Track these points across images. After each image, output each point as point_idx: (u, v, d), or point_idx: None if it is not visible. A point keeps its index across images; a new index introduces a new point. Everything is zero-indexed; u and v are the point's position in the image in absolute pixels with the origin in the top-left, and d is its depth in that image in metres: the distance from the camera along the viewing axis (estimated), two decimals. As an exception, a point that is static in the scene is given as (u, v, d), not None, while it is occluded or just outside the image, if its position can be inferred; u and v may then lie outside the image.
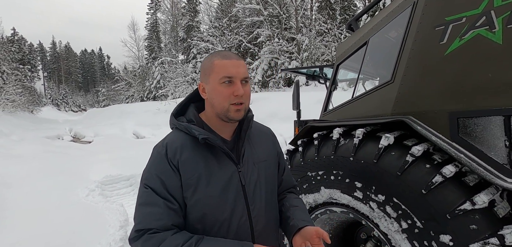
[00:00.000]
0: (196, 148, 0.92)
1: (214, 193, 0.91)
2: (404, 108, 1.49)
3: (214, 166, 0.92)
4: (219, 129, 0.98)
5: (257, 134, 1.08)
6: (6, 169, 6.08)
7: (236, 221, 0.93)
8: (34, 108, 24.78)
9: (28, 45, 55.71)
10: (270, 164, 1.06)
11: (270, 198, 1.03)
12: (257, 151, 1.04)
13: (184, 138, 0.94)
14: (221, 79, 0.89)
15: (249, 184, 0.97)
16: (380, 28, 1.79)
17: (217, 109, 0.93)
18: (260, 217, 0.98)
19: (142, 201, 0.90)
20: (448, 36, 1.32)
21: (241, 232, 0.94)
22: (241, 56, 0.96)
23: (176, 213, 0.89)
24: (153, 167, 0.92)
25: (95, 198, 4.73)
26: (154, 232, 0.85)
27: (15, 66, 24.55)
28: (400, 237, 1.34)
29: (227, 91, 0.89)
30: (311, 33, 17.19)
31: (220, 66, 0.90)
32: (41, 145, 9.77)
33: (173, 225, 0.88)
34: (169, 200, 0.88)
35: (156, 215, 0.86)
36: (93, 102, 54.40)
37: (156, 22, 38.55)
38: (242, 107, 0.92)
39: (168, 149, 0.92)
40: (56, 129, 15.36)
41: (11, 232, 3.35)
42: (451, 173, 1.19)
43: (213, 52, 0.97)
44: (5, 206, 4.08)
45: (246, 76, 0.92)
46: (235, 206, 0.93)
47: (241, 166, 0.96)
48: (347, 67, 2.41)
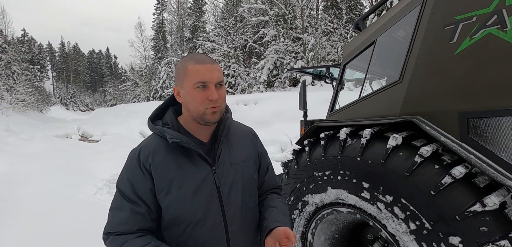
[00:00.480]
0: (169, 151, 0.94)
1: (187, 195, 0.92)
2: (413, 108, 1.47)
3: (188, 168, 0.93)
4: (196, 131, 0.99)
5: (236, 135, 1.09)
6: (17, 167, 6.23)
7: (210, 221, 0.94)
8: (43, 107, 25.26)
9: (38, 45, 56.80)
10: (248, 165, 1.07)
11: (247, 199, 1.04)
12: (235, 152, 1.04)
13: (159, 141, 0.96)
14: (195, 84, 0.90)
15: (224, 185, 0.97)
16: (388, 27, 1.77)
17: (193, 113, 0.94)
18: (235, 218, 0.98)
19: (112, 205, 0.94)
20: (458, 36, 1.30)
21: (215, 232, 0.95)
22: (215, 60, 0.97)
23: (144, 217, 0.91)
24: (125, 171, 0.95)
25: (103, 196, 4.80)
26: (119, 234, 0.89)
27: (25, 66, 25.06)
28: (408, 239, 1.33)
29: (201, 95, 0.90)
30: (317, 33, 17.09)
31: (194, 71, 0.90)
32: (50, 143, 9.96)
33: (139, 230, 0.90)
34: (137, 204, 0.91)
35: (121, 220, 0.90)
36: (100, 101, 55.18)
37: (163, 23, 38.86)
38: (218, 109, 0.93)
39: (141, 153, 0.94)
40: (64, 128, 15.62)
41: (21, 229, 3.42)
42: (460, 174, 1.17)
43: (187, 56, 0.98)
44: (15, 204, 4.17)
45: (220, 80, 0.93)
46: (209, 207, 0.94)
47: (216, 167, 0.97)
48: (354, 66, 2.40)
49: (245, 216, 1.02)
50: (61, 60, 67.15)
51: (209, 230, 0.94)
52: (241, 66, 21.18)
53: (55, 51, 67.41)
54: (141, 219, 0.91)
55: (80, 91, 60.29)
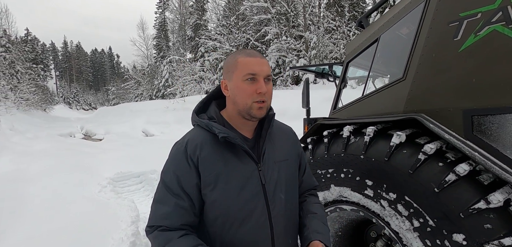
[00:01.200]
0: (216, 145, 0.92)
1: (233, 191, 0.90)
2: (417, 105, 1.47)
3: (234, 164, 0.92)
4: (240, 127, 0.97)
5: (278, 133, 1.07)
6: (22, 166, 6.29)
7: (255, 220, 0.92)
8: (47, 106, 25.48)
9: (41, 45, 57.18)
10: (291, 163, 1.05)
11: (290, 199, 1.02)
12: (278, 150, 1.02)
13: (205, 135, 0.94)
14: (245, 76, 0.89)
15: (269, 183, 0.95)
16: (391, 24, 1.77)
17: (239, 106, 0.92)
18: (280, 218, 0.96)
19: (156, 198, 0.93)
20: (462, 33, 1.30)
21: (261, 231, 0.93)
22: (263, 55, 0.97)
23: (187, 211, 0.90)
24: (171, 163, 0.93)
25: (107, 194, 4.84)
26: (163, 230, 0.88)
27: (29, 66, 25.26)
28: (411, 236, 1.33)
29: (250, 88, 0.89)
30: (319, 31, 17.02)
31: (244, 64, 0.90)
32: (54, 142, 10.05)
33: (183, 225, 0.89)
34: (181, 198, 0.89)
35: (165, 214, 0.89)
36: (103, 100, 55.45)
37: (165, 21, 38.96)
38: (265, 105, 0.91)
39: (188, 146, 0.92)
40: (68, 127, 15.76)
41: (28, 226, 3.47)
42: (464, 171, 1.17)
43: (237, 50, 0.97)
44: (21, 201, 4.22)
45: (269, 74, 0.91)
46: (255, 205, 0.92)
47: (261, 164, 0.95)
48: (357, 64, 2.39)
49: (288, 216, 1.00)
50: (64, 59, 67.57)
51: (255, 229, 0.92)
52: (243, 65, 21.12)
53: (58, 50, 67.87)
54: (184, 214, 0.89)
55: (83, 90, 60.67)
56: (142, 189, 5.56)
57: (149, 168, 6.12)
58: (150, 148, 9.14)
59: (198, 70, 22.60)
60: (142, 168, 6.23)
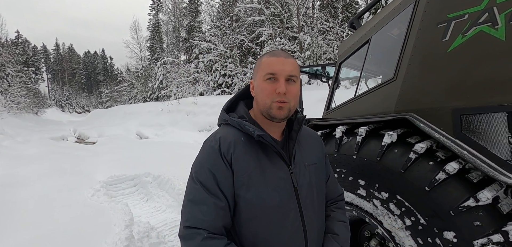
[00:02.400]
0: (248, 145, 0.90)
1: (266, 193, 0.87)
2: (407, 105, 1.49)
3: (267, 165, 0.89)
4: (267, 127, 0.95)
5: (305, 137, 1.04)
6: (13, 170, 6.17)
7: (288, 225, 0.88)
8: (39, 109, 25.05)
9: (32, 47, 56.21)
10: (319, 168, 1.02)
11: (321, 204, 1.00)
12: (307, 153, 1.00)
13: (236, 133, 0.91)
14: (265, 75, 0.88)
15: (301, 187, 0.92)
16: (382, 26, 1.79)
17: (260, 105, 0.92)
18: (313, 224, 0.93)
19: (191, 197, 0.88)
20: (450, 33, 1.32)
21: (294, 237, 0.89)
22: (291, 55, 0.93)
23: (225, 212, 0.86)
24: (205, 161, 0.89)
25: (101, 198, 4.77)
26: (205, 238, 0.82)
27: (20, 69, 24.80)
28: (404, 234, 1.35)
29: (269, 87, 0.87)
30: (313, 32, 17.14)
31: (266, 63, 0.89)
32: (46, 146, 9.88)
33: (223, 227, 0.86)
34: (219, 198, 0.85)
35: (204, 214, 0.84)
36: (96, 103, 54.81)
37: (158, 23, 38.71)
38: (285, 106, 0.88)
39: (222, 144, 0.89)
40: (60, 130, 15.52)
41: (19, 231, 3.40)
42: (454, 170, 1.19)
43: (268, 51, 0.96)
44: (12, 206, 4.14)
45: (292, 74, 0.88)
46: (288, 209, 0.89)
47: (292, 167, 0.93)
48: (349, 65, 2.42)
49: (319, 222, 0.97)
50: (56, 61, 66.59)
51: (289, 234, 0.88)
52: (238, 66, 21.16)
53: (49, 53, 66.82)
54: (223, 215, 0.85)
55: (76, 92, 59.88)
56: (136, 192, 5.50)
57: (143, 171, 6.06)
58: (144, 150, 9.05)
59: (192, 71, 22.52)
60: (136, 171, 6.16)
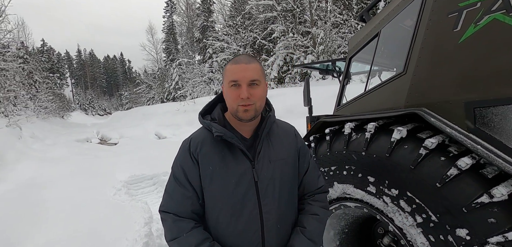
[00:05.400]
0: (215, 144, 1.02)
1: (227, 186, 0.99)
2: (418, 99, 1.45)
3: (230, 162, 1.00)
4: (239, 127, 1.05)
5: (278, 133, 1.12)
6: (42, 171, 6.58)
7: (247, 214, 1.00)
8: (64, 113, 26.38)
9: (56, 54, 59.26)
10: (287, 163, 1.09)
11: (284, 196, 1.06)
12: (276, 149, 1.07)
13: (206, 134, 1.05)
14: (229, 83, 0.97)
15: (262, 181, 1.02)
16: (391, 18, 1.74)
17: (229, 109, 1.02)
18: (272, 212, 1.02)
19: (167, 187, 1.07)
20: (462, 23, 1.27)
21: (251, 224, 1.00)
22: (255, 58, 1.01)
23: (193, 201, 1.02)
24: (179, 158, 1.05)
25: (122, 197, 4.99)
26: (175, 220, 1.00)
27: (46, 75, 26.26)
28: (415, 232, 1.32)
29: (234, 94, 0.97)
30: (326, 26, 16.78)
31: (229, 71, 0.98)
32: (72, 148, 10.43)
33: (192, 212, 1.02)
34: (187, 188, 1.01)
35: (174, 202, 1.02)
36: (117, 105, 56.91)
37: (173, 25, 39.50)
38: (250, 108, 0.96)
39: (191, 143, 1.04)
40: (84, 132, 16.30)
41: (48, 229, 3.64)
42: (466, 165, 1.15)
43: (232, 58, 1.04)
44: (41, 206, 4.43)
45: (253, 78, 0.96)
46: (247, 200, 1.00)
47: (255, 163, 1.02)
48: (360, 59, 2.37)
49: (281, 213, 1.05)
50: (78, 67, 69.83)
51: (246, 221, 0.99)
52: (251, 64, 21.13)
53: (72, 59, 70.14)
54: (191, 203, 1.01)
55: (98, 96, 62.48)
56: (155, 190, 5.70)
57: (161, 170, 6.27)
58: (162, 150, 9.33)
59: (207, 71, 22.82)
60: (154, 170, 6.38)
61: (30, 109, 16.56)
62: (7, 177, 5.92)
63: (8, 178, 5.85)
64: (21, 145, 8.62)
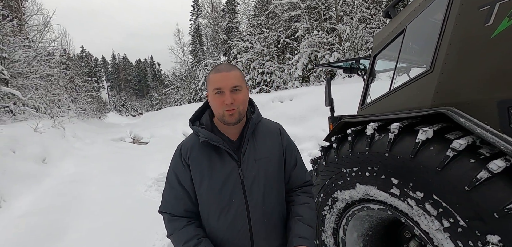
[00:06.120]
0: (203, 148, 1.10)
1: (215, 186, 1.07)
2: (446, 99, 1.39)
3: (217, 163, 1.08)
4: (226, 130, 1.13)
5: (263, 132, 1.19)
6: (82, 168, 7.19)
7: (234, 210, 1.08)
8: (101, 114, 28.39)
9: (94, 59, 63.95)
10: (271, 160, 1.15)
11: (269, 192, 1.13)
12: (260, 148, 1.14)
13: (195, 139, 1.13)
14: (213, 90, 1.04)
15: (247, 178, 1.09)
16: (417, 14, 1.67)
17: (216, 115, 1.10)
18: (257, 207, 1.10)
19: (163, 190, 1.18)
20: (494, 17, 1.19)
21: (239, 219, 1.08)
22: (235, 66, 1.09)
23: (184, 201, 1.11)
24: (172, 163, 1.15)
25: (152, 193, 5.30)
26: (170, 218, 1.11)
27: (85, 79, 28.49)
28: (442, 236, 1.27)
29: (218, 100, 1.04)
30: (353, 21, 16.21)
31: (212, 80, 1.05)
32: (108, 146, 11.23)
33: (185, 211, 1.11)
34: (178, 190, 1.11)
35: (168, 202, 1.13)
36: (148, 106, 60.00)
37: (199, 27, 40.69)
38: (234, 111, 1.04)
39: (182, 149, 1.13)
40: (119, 132, 17.40)
41: (89, 220, 3.99)
42: (499, 168, 1.08)
43: (213, 67, 1.12)
44: (82, 199, 4.86)
45: (235, 85, 1.04)
46: (234, 197, 1.08)
47: (241, 162, 1.09)
48: (385, 57, 2.29)
49: (266, 207, 1.12)
50: (113, 71, 74.75)
51: (233, 217, 1.08)
52: (275, 63, 21.14)
53: (108, 63, 75.22)
54: (183, 203, 1.11)
55: (130, 97, 66.28)
56: (182, 188, 5.94)
57: (188, 169, 6.52)
58: (189, 149, 9.67)
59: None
60: (182, 169, 6.65)
61: (72, 111, 18.08)
62: (53, 172, 6.55)
63: (54, 174, 6.47)
64: (64, 144, 9.47)
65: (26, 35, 15.33)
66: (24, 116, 10.48)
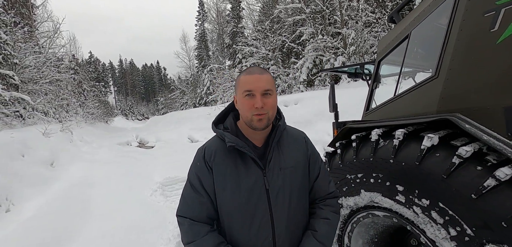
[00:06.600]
0: (228, 152, 1.06)
1: (239, 194, 1.03)
2: (451, 105, 1.37)
3: (242, 170, 1.04)
4: (251, 136, 1.09)
5: (288, 141, 1.14)
6: (90, 172, 7.28)
7: (258, 221, 1.03)
8: (108, 119, 28.77)
9: (101, 64, 65.01)
10: (297, 170, 1.11)
11: (295, 203, 1.08)
12: (285, 157, 1.10)
13: (219, 143, 1.09)
14: (243, 92, 1.01)
15: (273, 188, 1.04)
16: (422, 19, 1.67)
17: (243, 118, 1.06)
18: (282, 220, 1.05)
19: (183, 193, 1.12)
20: (500, 22, 1.18)
21: (263, 231, 1.03)
22: (266, 69, 1.03)
23: (207, 206, 1.06)
24: (194, 166, 1.11)
25: (157, 197, 5.33)
26: (191, 223, 1.04)
27: (92, 84, 28.98)
28: (448, 245, 1.24)
29: (248, 103, 1.00)
30: (358, 25, 16.15)
31: (243, 81, 1.02)
32: (114, 151, 11.36)
33: (207, 217, 1.06)
34: (202, 195, 1.06)
35: (189, 207, 1.07)
36: (154, 110, 60.59)
37: (204, 32, 41.06)
38: (264, 117, 1.00)
39: (206, 152, 1.09)
40: (125, 136, 17.58)
41: (95, 224, 4.03)
42: (506, 176, 1.06)
43: (245, 69, 1.08)
44: (90, 203, 4.92)
45: (266, 89, 1.00)
46: (258, 207, 1.03)
47: (266, 171, 1.05)
48: (390, 62, 2.28)
49: (291, 219, 1.07)
50: (120, 75, 75.85)
51: (257, 228, 1.03)
52: (280, 67, 21.17)
53: (115, 68, 76.41)
54: (206, 209, 1.06)
55: (137, 102, 67.12)
56: (187, 192, 5.96)
57: (193, 173, 6.54)
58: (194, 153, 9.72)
59: (237, 76, 23.29)
60: (187, 173, 6.68)
61: (80, 115, 18.37)
62: (61, 176, 6.65)
63: (62, 178, 6.57)
64: (72, 148, 9.62)
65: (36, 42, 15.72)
66: (33, 121, 10.70)
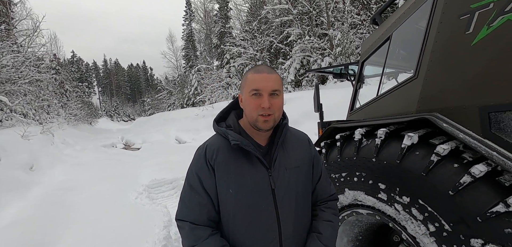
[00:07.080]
0: (231, 151, 1.01)
1: (244, 194, 0.98)
2: (430, 105, 1.41)
3: (246, 169, 0.99)
4: (254, 135, 1.05)
5: (292, 140, 1.12)
6: (73, 175, 7.04)
7: (264, 221, 0.99)
8: (92, 120, 27.92)
9: (85, 64, 63.06)
10: (302, 170, 1.08)
11: (300, 204, 1.06)
12: (291, 157, 1.07)
13: (222, 141, 1.04)
14: (251, 91, 0.97)
15: (279, 188, 1.01)
16: (402, 21, 1.71)
17: (248, 118, 1.02)
18: (289, 221, 1.01)
19: (182, 196, 1.06)
20: (474, 25, 1.23)
21: (268, 233, 0.99)
22: (275, 69, 1.00)
23: (208, 208, 1.01)
24: (194, 165, 1.05)
25: (143, 200, 5.21)
26: (192, 227, 0.99)
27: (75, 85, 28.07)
28: (428, 241, 1.28)
29: (255, 102, 0.97)
30: (344, 27, 16.47)
31: (251, 80, 0.98)
32: (99, 153, 11.04)
33: (208, 220, 1.01)
34: (202, 196, 1.00)
35: (189, 210, 1.01)
36: (140, 111, 59.35)
37: (191, 32, 40.63)
38: (270, 118, 0.97)
39: (207, 151, 1.03)
40: (110, 138, 17.15)
41: (77, 230, 3.89)
42: (480, 172, 1.11)
43: (253, 66, 1.05)
44: (72, 208, 4.74)
45: (275, 89, 0.97)
46: (264, 208, 0.99)
47: (272, 170, 1.01)
48: (373, 63, 2.33)
49: (297, 221, 1.04)
50: (104, 76, 73.80)
51: (263, 230, 0.99)
52: (268, 67, 21.20)
53: (99, 68, 74.24)
54: (207, 211, 1.00)
55: (122, 103, 65.57)
56: (175, 195, 5.87)
57: (181, 175, 6.44)
58: (182, 155, 9.60)
59: (224, 76, 23.20)
60: (174, 175, 6.58)
61: (62, 117, 17.72)
62: (42, 180, 6.39)
63: (43, 182, 6.31)
64: (54, 151, 9.26)
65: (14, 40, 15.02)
66: (11, 123, 10.22)
